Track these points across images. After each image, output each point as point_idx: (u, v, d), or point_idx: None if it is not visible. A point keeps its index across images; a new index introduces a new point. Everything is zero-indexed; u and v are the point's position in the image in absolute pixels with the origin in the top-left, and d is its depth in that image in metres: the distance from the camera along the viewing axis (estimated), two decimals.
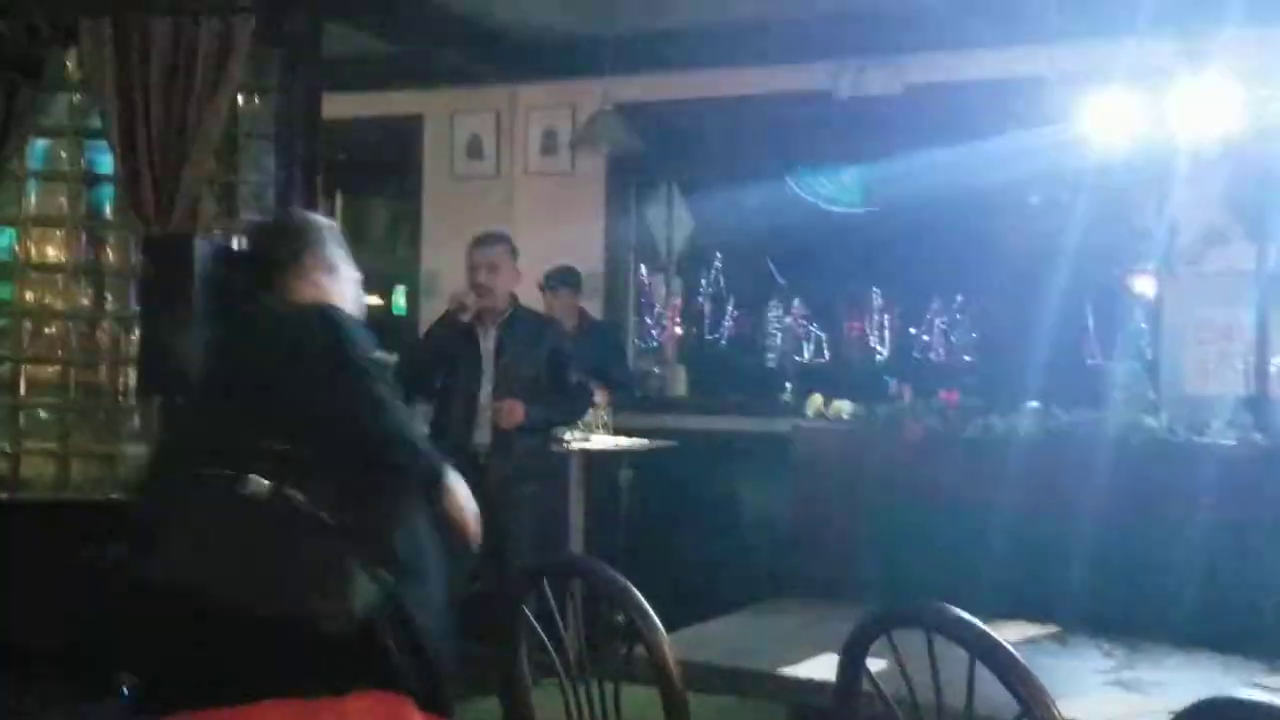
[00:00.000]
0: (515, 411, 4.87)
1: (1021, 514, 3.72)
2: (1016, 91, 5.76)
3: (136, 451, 6.13)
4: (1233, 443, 3.65)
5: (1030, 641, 3.28)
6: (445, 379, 5.00)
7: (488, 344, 4.99)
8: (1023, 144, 5.69)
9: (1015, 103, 5.65)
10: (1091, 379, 6.85)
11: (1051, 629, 3.45)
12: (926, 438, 3.84)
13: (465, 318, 4.86)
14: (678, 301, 9.30)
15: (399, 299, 9.18)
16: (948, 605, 2.20)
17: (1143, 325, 8.38)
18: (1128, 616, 3.50)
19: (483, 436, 4.92)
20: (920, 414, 3.88)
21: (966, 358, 9.71)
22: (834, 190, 7.99)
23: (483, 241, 5.19)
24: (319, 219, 3.44)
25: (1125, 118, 4.92)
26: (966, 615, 2.17)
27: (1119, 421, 3.78)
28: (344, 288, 3.20)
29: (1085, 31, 5.53)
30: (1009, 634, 2.62)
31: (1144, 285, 6.78)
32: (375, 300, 10.66)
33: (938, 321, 10.79)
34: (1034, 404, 4.03)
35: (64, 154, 6.25)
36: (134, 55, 5.94)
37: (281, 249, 3.20)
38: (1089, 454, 3.72)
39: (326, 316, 3.04)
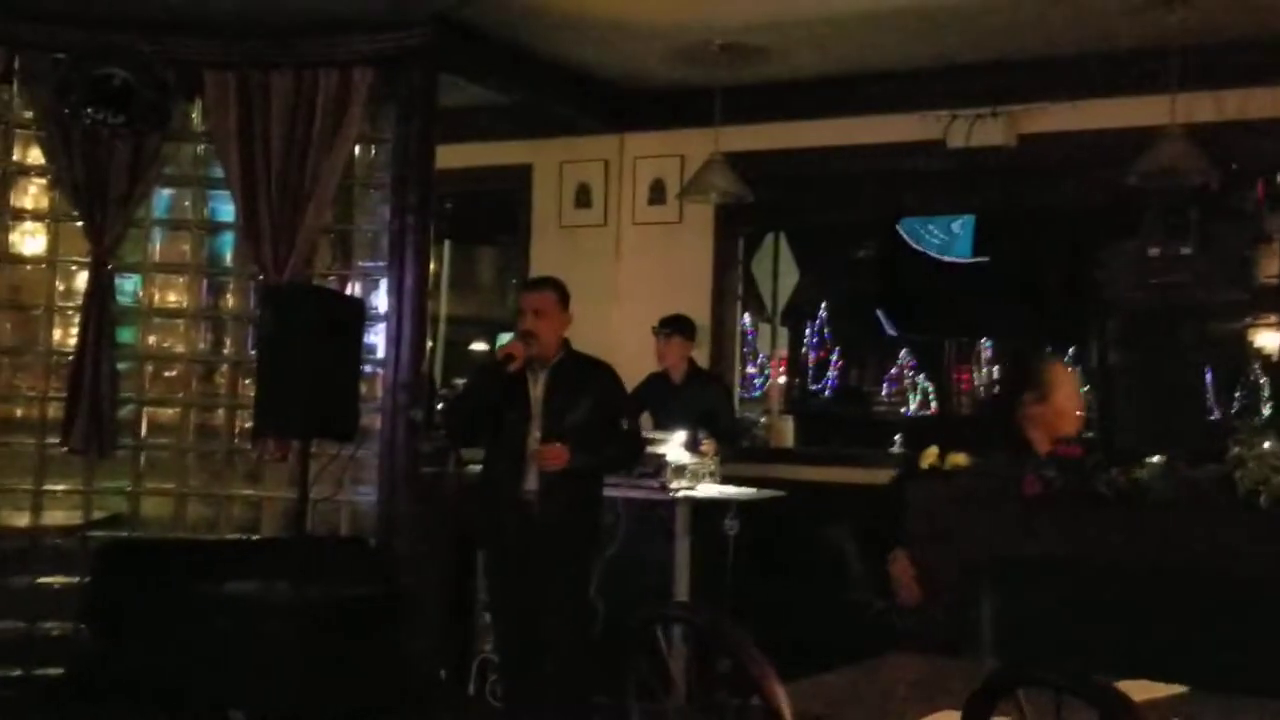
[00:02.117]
0: (558, 454, 4.77)
1: (1144, 570, 3.62)
2: (1135, 142, 5.66)
3: (250, 493, 6.26)
4: None
5: (1157, 704, 3.18)
6: (495, 425, 4.93)
7: (537, 390, 4.91)
8: (1142, 195, 5.58)
9: (1133, 153, 5.54)
10: (1212, 433, 6.68)
11: (1178, 690, 3.33)
12: (1045, 491, 3.76)
13: (512, 368, 4.80)
14: (783, 352, 9.27)
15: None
16: (1077, 663, 2.14)
17: (1263, 380, 8.17)
18: (1256, 678, 3.38)
19: (531, 483, 4.83)
20: (1040, 467, 3.80)
21: (1079, 411, 9.51)
22: (944, 240, 7.92)
23: (530, 286, 5.15)
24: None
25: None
26: (1098, 675, 2.11)
27: (1247, 478, 3.67)
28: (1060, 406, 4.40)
29: (1212, 81, 5.43)
30: (1133, 694, 2.54)
31: (1265, 340, 6.61)
32: (481, 346, 10.82)
33: None
34: (1156, 458, 3.93)
35: (187, 203, 6.42)
36: (256, 107, 6.11)
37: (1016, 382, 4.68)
38: (1215, 510, 3.62)
39: None
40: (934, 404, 11.11)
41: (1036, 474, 3.76)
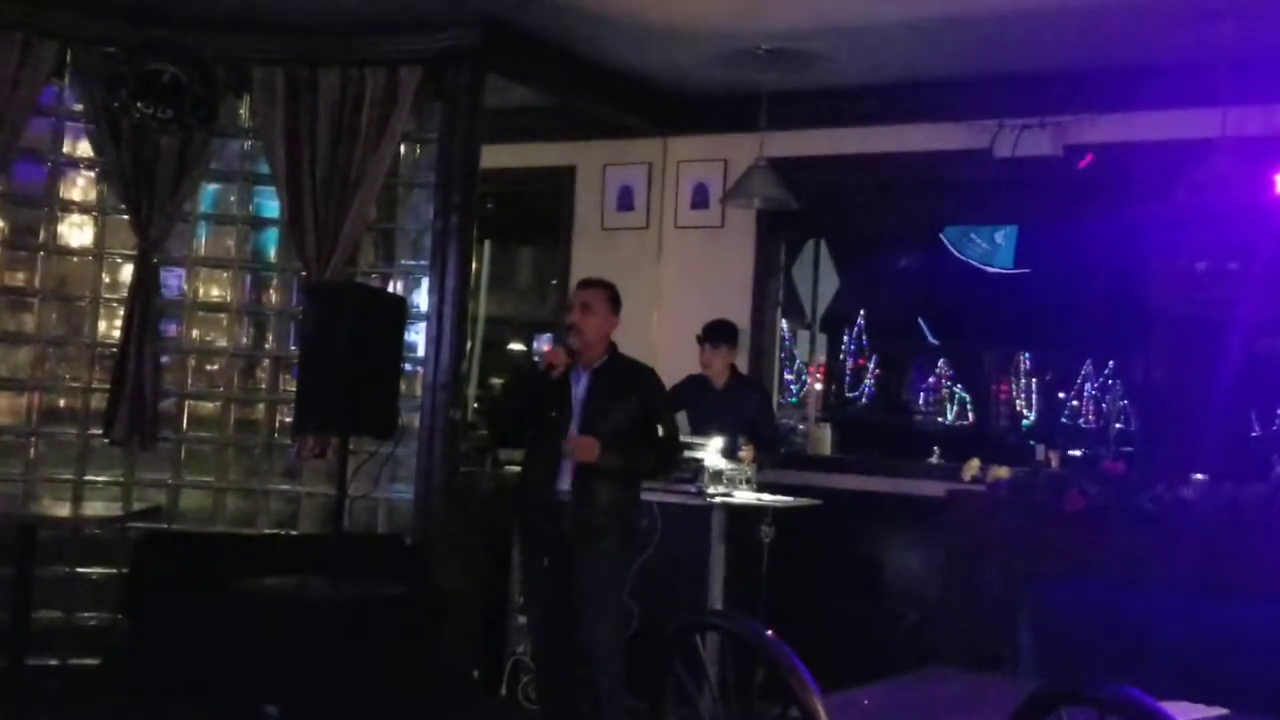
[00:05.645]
0: (589, 447, 4.76)
1: (1188, 590, 3.58)
2: (1184, 155, 5.60)
3: (288, 489, 6.30)
4: None
5: None
6: (534, 425, 4.92)
7: (579, 390, 4.91)
8: (1190, 209, 5.52)
9: (1182, 166, 5.48)
10: (1255, 452, 6.61)
11: (1220, 711, 3.30)
12: (1089, 507, 3.73)
13: (555, 375, 4.79)
14: (821, 359, 9.24)
15: (543, 348, 9.25)
16: (1123, 683, 2.12)
17: None
18: None
19: (565, 483, 4.82)
20: (1083, 483, 3.77)
21: (1118, 425, 9.44)
22: (987, 250, 7.87)
23: (582, 284, 5.14)
24: None
25: None
26: (1144, 695, 2.08)
27: None
28: None
29: (1262, 95, 5.36)
30: (1176, 716, 2.50)
31: None
32: (518, 346, 10.83)
33: (1088, 387, 10.54)
34: (1200, 476, 3.89)
35: (233, 198, 6.47)
36: (303, 104, 6.15)
37: None
38: (1260, 530, 3.58)
39: None
40: (971, 414, 11.05)
41: (1080, 489, 3.73)
